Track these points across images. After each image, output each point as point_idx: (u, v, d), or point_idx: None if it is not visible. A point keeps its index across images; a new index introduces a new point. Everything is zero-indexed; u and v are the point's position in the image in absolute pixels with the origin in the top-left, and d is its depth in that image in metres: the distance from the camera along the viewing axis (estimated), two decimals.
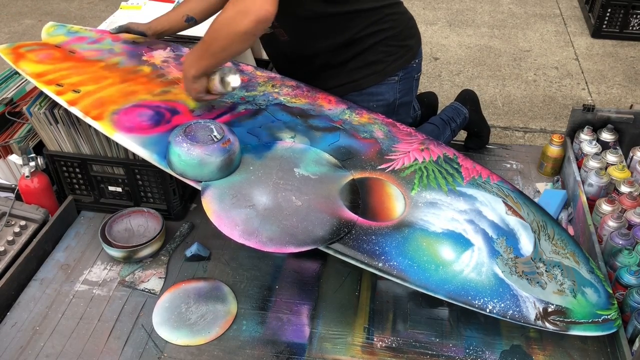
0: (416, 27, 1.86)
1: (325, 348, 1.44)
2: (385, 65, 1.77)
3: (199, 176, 1.39)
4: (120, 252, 1.62)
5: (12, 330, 1.48)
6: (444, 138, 1.97)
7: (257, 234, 1.30)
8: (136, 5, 2.30)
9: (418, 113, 2.14)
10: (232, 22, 1.39)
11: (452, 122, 2.03)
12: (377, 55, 1.75)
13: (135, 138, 1.47)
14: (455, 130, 2.04)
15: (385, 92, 1.80)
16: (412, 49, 1.81)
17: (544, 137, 2.41)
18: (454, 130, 2.04)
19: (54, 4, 3.80)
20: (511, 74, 2.89)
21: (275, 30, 1.72)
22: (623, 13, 3.12)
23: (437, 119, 2.04)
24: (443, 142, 1.94)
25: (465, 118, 2.09)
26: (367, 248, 1.32)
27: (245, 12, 1.37)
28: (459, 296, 1.30)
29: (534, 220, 1.51)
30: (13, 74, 1.94)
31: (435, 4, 3.65)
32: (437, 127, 1.98)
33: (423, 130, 1.88)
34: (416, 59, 1.83)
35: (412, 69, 1.82)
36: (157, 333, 1.47)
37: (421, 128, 1.96)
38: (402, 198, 1.45)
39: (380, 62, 1.76)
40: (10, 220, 1.68)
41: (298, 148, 1.53)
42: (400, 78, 1.80)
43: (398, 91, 1.82)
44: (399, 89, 1.82)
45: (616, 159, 1.86)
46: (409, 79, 1.84)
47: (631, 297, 1.41)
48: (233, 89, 1.51)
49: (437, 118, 2.05)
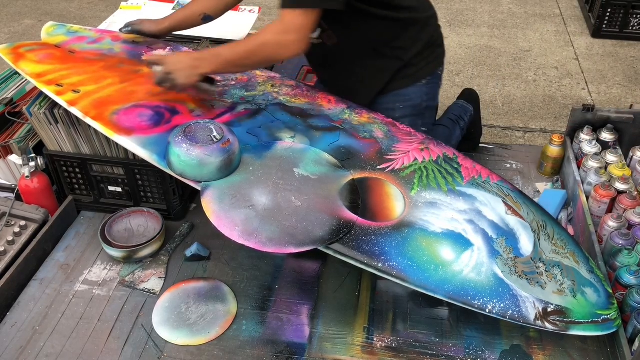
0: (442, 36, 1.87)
1: (325, 348, 1.44)
2: (416, 70, 1.77)
3: (198, 176, 1.39)
4: (120, 252, 1.62)
5: (12, 330, 1.48)
6: (455, 138, 1.98)
7: (256, 234, 1.30)
8: (136, 5, 2.30)
9: None
10: (273, 51, 1.50)
11: (460, 121, 2.04)
12: (411, 60, 1.75)
13: (135, 138, 1.47)
14: (463, 128, 2.05)
15: (413, 93, 1.79)
16: (440, 56, 1.84)
17: (544, 137, 2.41)
18: (462, 129, 2.04)
19: (54, 4, 3.81)
20: (511, 74, 2.89)
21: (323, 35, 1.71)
22: (623, 13, 3.12)
23: (445, 119, 2.04)
24: (455, 142, 1.96)
25: (472, 115, 2.10)
26: (366, 248, 1.32)
27: (287, 47, 1.48)
28: (458, 296, 1.30)
29: (534, 220, 1.51)
30: (13, 74, 1.94)
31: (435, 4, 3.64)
32: (447, 128, 1.99)
33: (436, 132, 1.90)
34: (441, 67, 1.85)
35: (437, 76, 1.84)
36: (157, 333, 1.47)
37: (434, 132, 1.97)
38: (401, 198, 1.45)
39: (412, 67, 1.76)
40: (10, 221, 1.68)
41: (298, 148, 1.53)
42: (428, 82, 1.80)
43: (425, 94, 1.81)
44: (426, 92, 1.81)
45: (616, 158, 1.86)
46: (435, 84, 1.85)
47: (631, 297, 1.41)
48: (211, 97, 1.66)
49: (446, 118, 2.05)
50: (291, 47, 1.48)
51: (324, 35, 1.71)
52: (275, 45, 1.49)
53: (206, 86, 1.59)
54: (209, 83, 1.59)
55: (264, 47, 1.50)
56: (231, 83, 1.75)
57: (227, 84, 1.75)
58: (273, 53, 1.51)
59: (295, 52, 1.50)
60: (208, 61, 1.53)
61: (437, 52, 1.82)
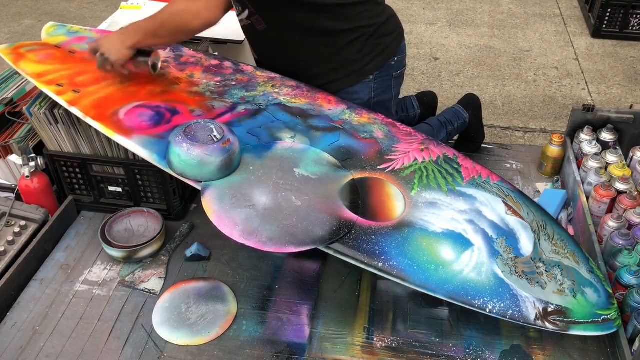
0: (395, 23, 1.83)
1: (325, 348, 1.44)
2: (362, 65, 1.76)
3: (198, 176, 1.39)
4: (120, 252, 1.62)
5: (12, 330, 1.48)
6: (438, 139, 1.97)
7: (257, 233, 1.30)
8: (136, 5, 2.31)
9: (417, 112, 2.13)
10: (182, 19, 1.55)
11: (449, 125, 2.03)
12: (353, 55, 1.74)
13: (135, 138, 1.47)
14: (451, 133, 2.04)
15: (360, 90, 1.80)
16: (390, 47, 1.80)
17: (544, 137, 2.42)
18: (449, 133, 2.03)
19: (54, 4, 3.81)
20: (511, 74, 2.89)
21: (253, 18, 1.72)
22: (623, 13, 3.12)
23: (434, 119, 2.04)
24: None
25: (465, 122, 2.08)
26: (366, 248, 1.32)
27: (196, 14, 1.53)
28: (458, 296, 1.30)
29: (534, 220, 1.51)
30: (13, 74, 1.94)
31: (435, 4, 3.65)
32: (431, 128, 1.98)
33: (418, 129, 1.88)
34: (395, 57, 1.81)
35: (389, 67, 1.81)
36: (157, 333, 1.47)
37: (416, 128, 1.96)
38: (402, 198, 1.45)
39: (356, 62, 1.75)
40: (10, 221, 1.68)
41: (298, 148, 1.53)
42: (375, 77, 1.79)
43: (373, 90, 1.81)
44: (374, 88, 1.81)
45: (616, 159, 1.86)
46: (386, 77, 1.82)
47: (631, 297, 1.41)
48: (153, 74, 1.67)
49: (435, 119, 2.04)
50: (201, 14, 1.53)
51: (253, 19, 1.72)
52: (185, 13, 1.53)
53: (142, 59, 1.62)
54: (144, 56, 1.62)
55: (175, 15, 1.54)
56: (232, 84, 1.75)
57: (227, 85, 1.75)
58: (184, 21, 1.54)
59: (206, 20, 1.55)
60: (130, 34, 1.58)
61: (384, 42, 1.78)
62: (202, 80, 1.75)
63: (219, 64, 1.83)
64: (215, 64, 1.83)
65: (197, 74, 1.77)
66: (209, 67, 1.81)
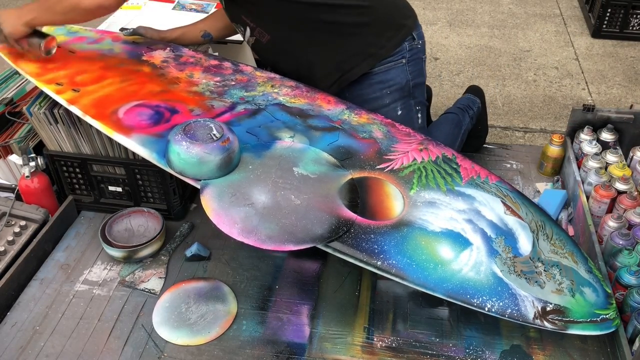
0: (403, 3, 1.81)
1: (325, 348, 1.44)
2: (377, 49, 1.74)
3: (198, 175, 1.40)
4: (120, 252, 1.62)
5: (12, 330, 1.48)
6: (465, 124, 1.98)
7: (256, 231, 1.30)
8: (136, 5, 2.31)
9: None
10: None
11: (469, 110, 2.04)
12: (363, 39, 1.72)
13: (134, 137, 1.47)
14: (472, 117, 2.04)
15: (396, 76, 1.77)
16: (405, 25, 1.77)
17: (544, 137, 2.41)
18: (472, 117, 2.04)
19: None
20: (511, 74, 2.89)
21: (255, 33, 1.73)
22: (623, 13, 3.12)
23: (453, 107, 2.05)
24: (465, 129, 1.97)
25: (479, 108, 2.10)
26: (365, 246, 1.32)
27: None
28: (457, 295, 1.30)
29: (533, 220, 1.51)
30: (13, 74, 1.94)
31: (435, 4, 3.65)
32: (456, 115, 1.98)
33: (444, 119, 1.91)
34: (414, 36, 1.78)
35: (417, 50, 1.79)
36: (157, 333, 1.47)
37: (443, 117, 1.99)
38: (400, 197, 1.45)
39: (371, 45, 1.73)
40: (10, 220, 1.68)
41: (297, 147, 1.54)
42: (408, 60, 1.77)
43: (409, 72, 1.79)
44: (410, 71, 1.79)
45: (616, 159, 1.86)
46: (417, 60, 1.81)
47: (631, 297, 1.41)
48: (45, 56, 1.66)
49: (454, 107, 2.05)
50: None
51: (256, 34, 1.73)
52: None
53: (36, 40, 1.62)
54: (38, 37, 1.63)
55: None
56: (231, 84, 1.76)
57: (227, 84, 1.75)
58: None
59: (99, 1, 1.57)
60: (29, 10, 1.60)
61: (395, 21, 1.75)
62: (202, 80, 1.75)
63: (218, 64, 1.83)
64: (214, 64, 1.83)
65: (196, 74, 1.77)
66: (209, 67, 1.81)
